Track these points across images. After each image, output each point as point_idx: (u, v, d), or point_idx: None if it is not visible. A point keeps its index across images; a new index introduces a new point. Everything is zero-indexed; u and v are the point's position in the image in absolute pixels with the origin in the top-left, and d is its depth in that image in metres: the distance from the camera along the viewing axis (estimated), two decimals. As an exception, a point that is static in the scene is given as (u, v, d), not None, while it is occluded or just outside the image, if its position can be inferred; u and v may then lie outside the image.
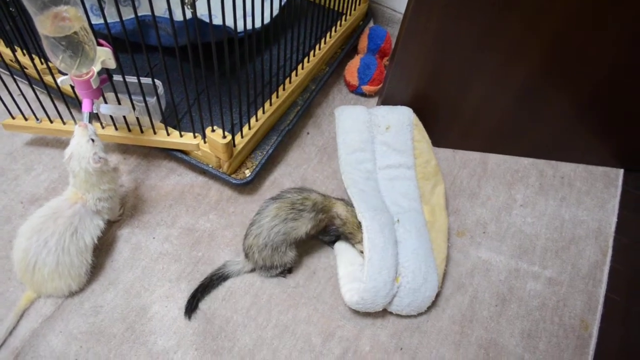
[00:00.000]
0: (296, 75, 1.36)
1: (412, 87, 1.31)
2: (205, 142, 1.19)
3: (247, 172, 1.26)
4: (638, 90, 1.28)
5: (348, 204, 1.19)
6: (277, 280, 1.19)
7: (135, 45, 1.00)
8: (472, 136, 1.45)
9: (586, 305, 1.27)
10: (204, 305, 1.14)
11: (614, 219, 1.43)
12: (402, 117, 1.33)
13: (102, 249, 1.19)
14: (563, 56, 1.21)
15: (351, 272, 1.16)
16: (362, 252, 1.15)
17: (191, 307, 1.13)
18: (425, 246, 1.19)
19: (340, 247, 1.22)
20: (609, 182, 1.51)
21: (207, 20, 0.91)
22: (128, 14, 0.98)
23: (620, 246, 1.38)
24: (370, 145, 1.32)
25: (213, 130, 1.14)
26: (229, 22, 0.92)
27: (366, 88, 1.52)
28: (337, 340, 1.13)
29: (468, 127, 1.42)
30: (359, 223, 1.15)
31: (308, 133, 1.46)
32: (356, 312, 1.17)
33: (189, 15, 0.91)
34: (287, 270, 1.20)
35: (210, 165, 1.25)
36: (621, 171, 1.54)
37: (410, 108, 1.36)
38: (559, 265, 1.32)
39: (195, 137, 1.21)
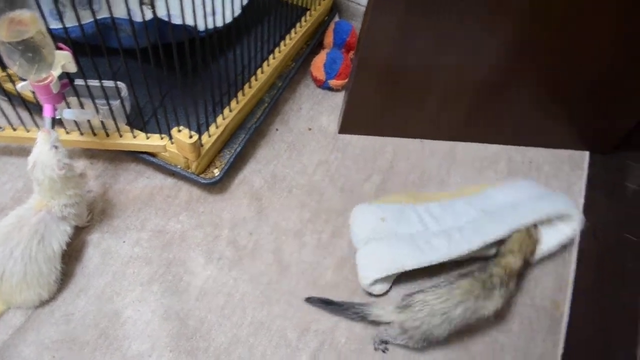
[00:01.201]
0: (262, 72, 1.38)
1: (377, 79, 1.33)
2: (172, 143, 1.20)
3: (216, 171, 1.27)
4: (600, 73, 1.32)
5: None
6: (250, 278, 1.21)
7: (98, 47, 1.00)
8: (440, 126, 1.48)
9: (557, 286, 1.31)
10: (178, 306, 1.15)
11: (581, 201, 1.48)
12: None
13: (72, 256, 1.19)
14: (526, 42, 1.24)
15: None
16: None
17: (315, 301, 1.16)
18: None
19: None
20: (575, 165, 1.55)
21: (173, 22, 0.92)
22: (88, 17, 0.98)
23: (587, 227, 1.42)
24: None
25: (179, 131, 1.15)
26: (190, 22, 0.93)
27: (333, 82, 1.54)
28: (312, 334, 1.15)
29: (435, 117, 1.45)
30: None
31: (277, 129, 1.47)
32: (331, 305, 1.19)
33: (149, 15, 0.92)
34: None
35: (178, 166, 1.26)
36: (587, 154, 1.59)
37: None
38: (529, 248, 1.35)
39: (161, 138, 1.21)
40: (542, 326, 1.25)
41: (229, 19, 1.16)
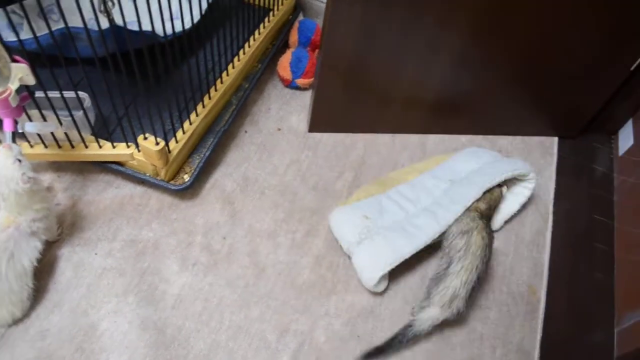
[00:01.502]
0: (227, 75, 1.37)
1: (343, 76, 1.33)
2: (139, 151, 1.19)
3: (186, 177, 1.26)
4: (566, 59, 1.35)
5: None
6: (227, 282, 1.20)
7: (63, 58, 0.99)
8: (409, 119, 1.49)
9: (532, 272, 1.33)
10: (154, 315, 1.14)
11: (552, 186, 1.50)
12: None
13: (43, 271, 1.17)
14: (489, 31, 1.26)
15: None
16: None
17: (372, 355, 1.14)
18: None
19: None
20: (544, 150, 1.58)
21: (130, 28, 0.91)
22: (46, 28, 0.97)
23: (559, 211, 1.45)
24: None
25: (145, 138, 1.14)
26: (153, 28, 0.92)
27: (300, 81, 1.54)
28: (292, 334, 1.15)
29: (403, 110, 1.46)
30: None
31: (246, 132, 1.47)
32: (309, 305, 1.19)
33: (106, 24, 0.91)
34: None
35: (147, 174, 1.25)
36: (555, 139, 1.61)
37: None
38: (503, 235, 1.37)
39: (128, 146, 1.20)
40: (520, 312, 1.26)
41: (188, 25, 1.15)
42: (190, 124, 1.25)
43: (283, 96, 1.57)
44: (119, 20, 0.96)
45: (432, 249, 1.26)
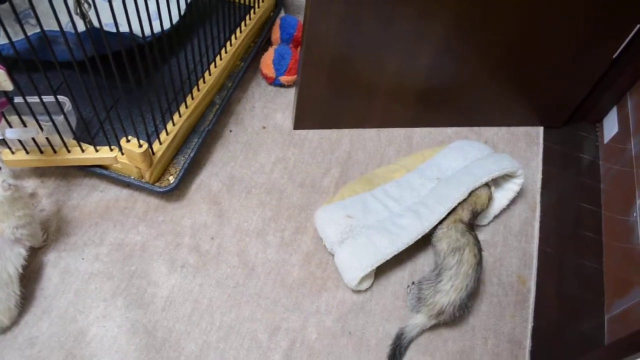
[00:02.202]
0: (210, 74, 1.37)
1: (325, 72, 1.33)
2: (122, 154, 1.19)
3: (171, 179, 1.26)
4: (549, 49, 1.36)
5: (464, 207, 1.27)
6: (217, 283, 1.20)
7: (41, 63, 0.98)
8: (394, 112, 1.50)
9: (521, 262, 1.34)
10: (144, 319, 1.14)
11: (538, 176, 1.51)
12: None
13: (30, 278, 1.17)
14: (472, 22, 1.27)
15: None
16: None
17: None
18: None
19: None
20: (530, 140, 1.59)
21: (109, 30, 0.91)
22: (28, 31, 0.96)
23: (547, 200, 1.46)
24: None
25: (128, 141, 1.14)
26: (131, 29, 0.92)
27: (284, 79, 1.54)
28: (283, 333, 1.16)
29: (388, 105, 1.46)
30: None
31: (231, 131, 1.47)
32: (299, 302, 1.20)
33: (83, 27, 0.90)
34: None
35: (132, 177, 1.25)
36: (541, 129, 1.62)
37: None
38: (492, 227, 1.38)
39: (111, 150, 1.20)
40: (510, 303, 1.27)
41: (167, 25, 1.15)
42: (174, 125, 1.25)
43: (267, 94, 1.57)
44: (96, 23, 0.95)
45: (422, 243, 1.27)
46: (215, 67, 1.39)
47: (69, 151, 1.19)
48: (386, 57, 1.33)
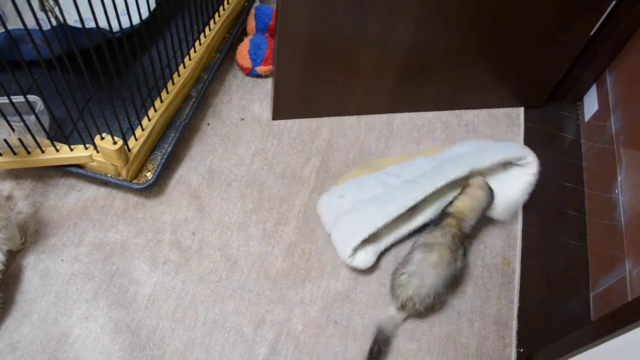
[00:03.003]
0: (184, 67, 1.36)
1: (302, 59, 1.32)
2: (97, 152, 1.18)
3: (149, 175, 1.25)
4: (526, 27, 1.36)
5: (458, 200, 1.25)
6: (199, 278, 1.20)
7: (10, 62, 0.96)
8: (373, 99, 1.49)
9: (505, 243, 1.35)
10: (127, 318, 1.13)
11: (520, 157, 1.52)
12: None
13: (9, 282, 1.16)
14: (451, 6, 1.26)
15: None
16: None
17: None
18: None
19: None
20: (511, 121, 1.59)
21: (76, 27, 0.90)
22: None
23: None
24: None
25: (102, 138, 1.13)
26: (98, 25, 0.91)
27: (260, 69, 1.53)
28: (268, 325, 1.16)
29: (367, 90, 1.46)
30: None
31: (208, 124, 1.46)
32: (284, 294, 1.20)
33: (49, 24, 0.89)
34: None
35: (109, 175, 1.24)
36: (521, 109, 1.63)
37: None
38: (475, 210, 1.39)
39: (86, 148, 1.19)
40: (495, 284, 1.28)
41: (137, 20, 1.14)
42: (149, 120, 1.24)
43: (244, 85, 1.56)
44: (63, 20, 0.94)
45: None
46: (190, 59, 1.38)
47: (43, 151, 1.18)
48: (363, 39, 1.32)
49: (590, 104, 1.58)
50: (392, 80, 1.45)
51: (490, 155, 1.28)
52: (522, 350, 1.21)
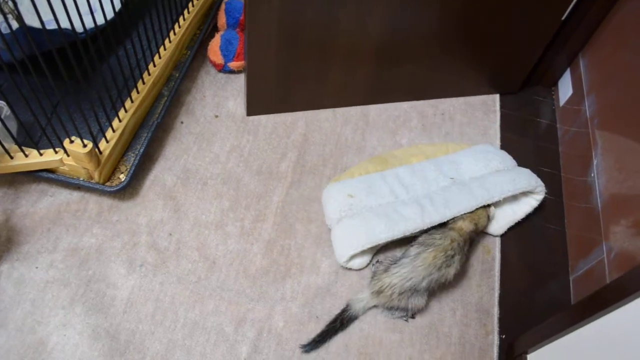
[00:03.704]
0: (154, 66, 1.34)
1: (273, 54, 1.32)
2: (68, 156, 1.16)
3: (122, 177, 1.24)
4: (498, 14, 1.36)
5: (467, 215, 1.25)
6: (178, 279, 1.19)
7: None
8: (348, 91, 1.49)
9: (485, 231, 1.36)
10: (105, 323, 1.12)
11: (497, 143, 1.53)
12: None
13: (-17, 292, 1.14)
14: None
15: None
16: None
17: (311, 347, 1.14)
18: None
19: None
20: (487, 109, 1.60)
21: (37, 28, 0.88)
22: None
23: (506, 168, 1.47)
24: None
25: (72, 141, 1.11)
26: (59, 25, 0.89)
27: (233, 64, 1.52)
28: (249, 324, 1.16)
29: (341, 83, 1.46)
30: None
31: (182, 122, 1.45)
32: (264, 291, 1.20)
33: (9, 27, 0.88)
34: (412, 316, 1.22)
35: (81, 178, 1.22)
36: (497, 96, 1.64)
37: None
38: (453, 199, 1.40)
39: (56, 152, 1.17)
40: (476, 272, 1.29)
41: (100, 21, 1.12)
42: (120, 121, 1.23)
43: (217, 82, 1.55)
44: (25, 22, 0.93)
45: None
46: (160, 57, 1.36)
47: (11, 157, 1.16)
48: (334, 30, 1.31)
49: (565, 89, 1.59)
50: (366, 71, 1.44)
51: (499, 191, 1.28)
52: (504, 336, 1.22)
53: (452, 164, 1.38)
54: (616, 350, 0.88)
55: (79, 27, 0.99)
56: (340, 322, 1.16)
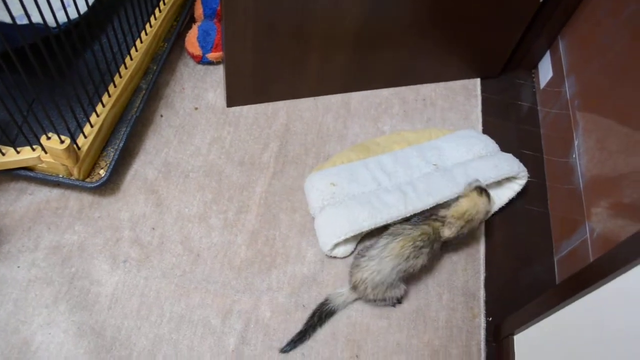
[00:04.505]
0: (131, 59, 1.33)
1: (250, 44, 1.31)
2: (45, 153, 1.15)
3: (102, 172, 1.23)
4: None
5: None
6: (162, 274, 1.19)
7: None
8: (328, 80, 1.49)
9: (469, 215, 1.37)
10: (90, 320, 1.12)
11: (479, 128, 1.54)
12: None
13: (-36, 294, 1.14)
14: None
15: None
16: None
17: (290, 347, 1.14)
18: None
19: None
20: (468, 93, 1.61)
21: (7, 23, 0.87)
22: None
23: (488, 151, 1.49)
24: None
25: (49, 138, 1.10)
26: (30, 20, 0.88)
27: (211, 55, 1.51)
28: (236, 315, 1.16)
29: (321, 71, 1.46)
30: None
31: (161, 115, 1.44)
32: (250, 282, 1.20)
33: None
34: (397, 301, 1.22)
35: (60, 175, 1.21)
36: (478, 81, 1.65)
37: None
38: (437, 184, 1.41)
39: (33, 149, 1.16)
40: (461, 256, 1.31)
41: (74, 15, 1.10)
42: (98, 116, 1.22)
43: (196, 73, 1.55)
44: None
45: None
46: (137, 50, 1.35)
47: (-13, 156, 1.15)
48: (311, 17, 1.31)
49: (545, 71, 1.61)
50: (345, 58, 1.44)
51: (485, 173, 1.29)
52: (490, 319, 1.23)
53: (434, 150, 1.39)
54: (600, 328, 0.90)
55: (51, 22, 0.98)
56: (319, 316, 1.16)
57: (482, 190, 1.21)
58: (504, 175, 1.31)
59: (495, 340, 1.20)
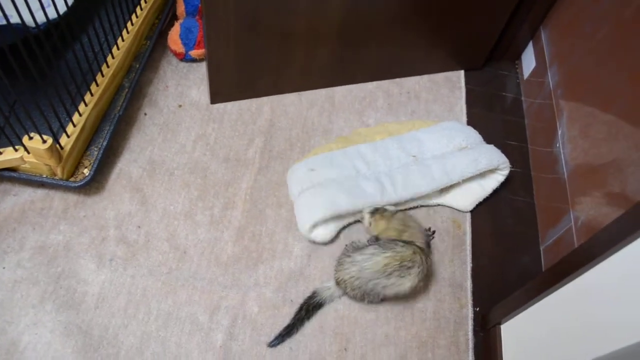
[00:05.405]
0: (112, 58, 1.34)
1: (233, 40, 1.32)
2: (28, 153, 1.15)
3: (86, 171, 1.24)
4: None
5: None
6: (149, 272, 1.20)
7: None
8: (312, 74, 1.50)
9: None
10: (77, 319, 1.13)
11: (464, 120, 1.56)
12: None
13: (-51, 296, 1.14)
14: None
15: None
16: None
17: (278, 341, 1.15)
18: None
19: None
20: (452, 85, 1.63)
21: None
22: None
23: (473, 143, 1.50)
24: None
25: (31, 138, 1.11)
26: (8, 20, 0.89)
27: (194, 53, 1.52)
28: (223, 311, 1.17)
29: (304, 66, 1.47)
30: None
31: (145, 114, 1.45)
32: (237, 278, 1.21)
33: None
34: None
35: (44, 175, 1.22)
36: (462, 73, 1.67)
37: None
38: (422, 176, 1.42)
39: (16, 150, 1.16)
40: (448, 247, 1.32)
41: (53, 15, 1.11)
42: (80, 115, 1.22)
43: (179, 71, 1.55)
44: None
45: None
46: (119, 49, 1.36)
47: (-31, 158, 1.15)
48: (294, 11, 1.31)
49: (528, 62, 1.63)
50: (328, 53, 1.45)
51: (459, 175, 1.31)
52: (478, 309, 1.25)
53: (414, 141, 1.40)
54: (584, 314, 0.91)
55: (30, 22, 0.99)
56: (306, 310, 1.17)
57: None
58: (482, 169, 1.32)
59: (483, 329, 1.22)
